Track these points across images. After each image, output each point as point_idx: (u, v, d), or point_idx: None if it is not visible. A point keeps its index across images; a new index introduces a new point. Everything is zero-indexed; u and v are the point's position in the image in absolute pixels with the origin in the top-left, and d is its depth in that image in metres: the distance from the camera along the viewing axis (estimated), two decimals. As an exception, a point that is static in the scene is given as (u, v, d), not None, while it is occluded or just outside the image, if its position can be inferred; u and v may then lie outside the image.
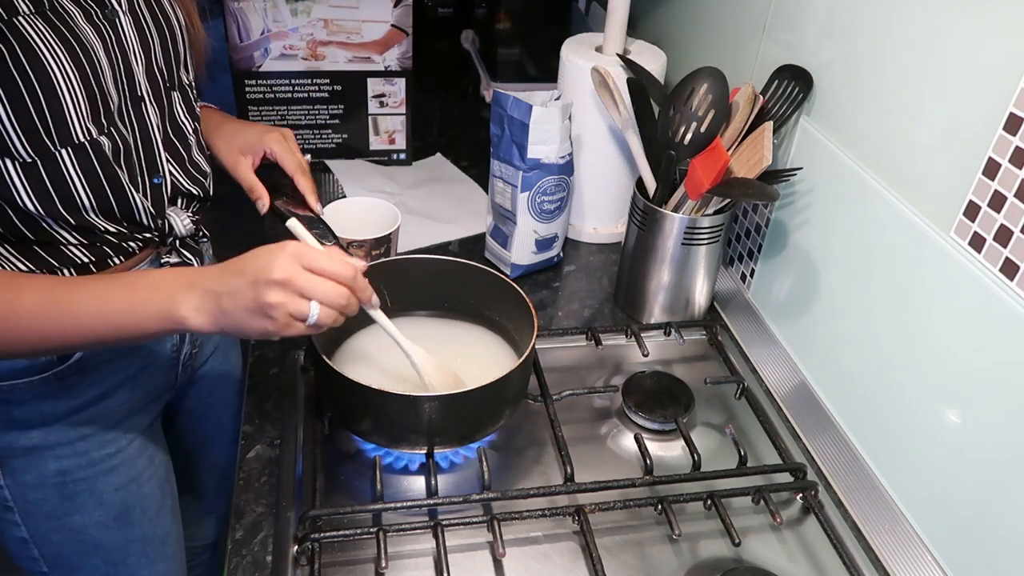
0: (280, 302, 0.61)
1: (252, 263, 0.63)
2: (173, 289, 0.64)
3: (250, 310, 0.62)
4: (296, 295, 0.62)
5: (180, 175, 0.80)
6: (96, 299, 0.64)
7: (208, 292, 0.63)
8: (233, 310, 0.62)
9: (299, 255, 0.63)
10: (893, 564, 0.75)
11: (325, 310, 0.64)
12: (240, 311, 0.62)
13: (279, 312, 0.62)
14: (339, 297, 0.64)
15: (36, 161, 0.65)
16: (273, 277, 0.61)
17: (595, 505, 0.76)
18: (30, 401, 0.76)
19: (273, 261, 0.62)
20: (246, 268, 0.63)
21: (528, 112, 0.97)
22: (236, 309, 0.62)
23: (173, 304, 0.63)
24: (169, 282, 0.64)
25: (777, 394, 0.94)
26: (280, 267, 0.61)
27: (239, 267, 0.63)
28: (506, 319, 0.90)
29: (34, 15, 0.62)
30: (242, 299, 0.62)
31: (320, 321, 0.64)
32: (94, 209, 0.70)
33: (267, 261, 0.62)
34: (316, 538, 0.71)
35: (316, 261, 0.63)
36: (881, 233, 0.78)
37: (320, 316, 0.63)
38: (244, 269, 0.63)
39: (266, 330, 0.63)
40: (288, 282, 0.61)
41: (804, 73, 0.89)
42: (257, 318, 0.62)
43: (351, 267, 0.65)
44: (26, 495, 0.80)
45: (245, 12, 1.17)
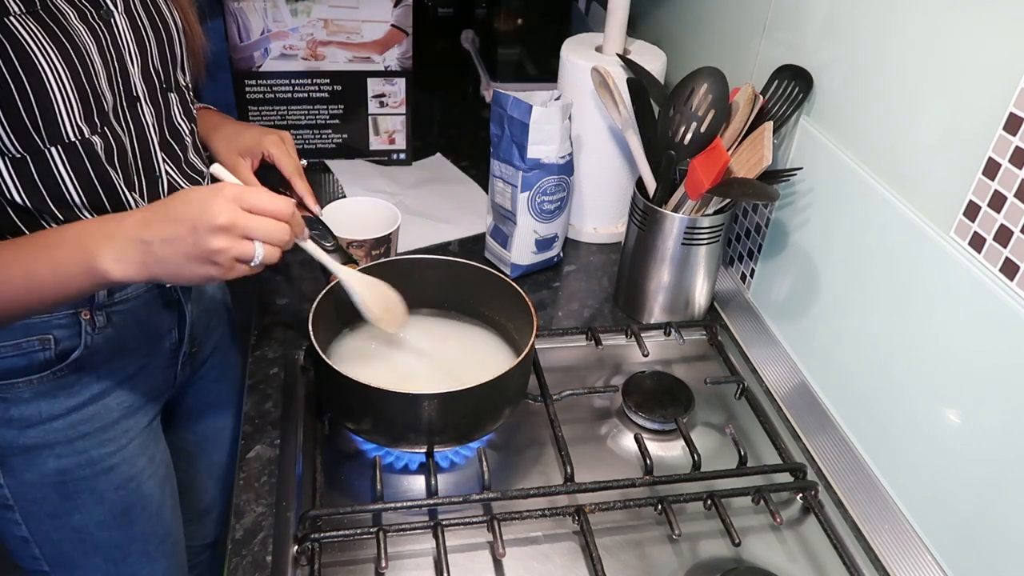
0: (224, 247, 0.60)
1: (187, 208, 0.61)
2: (89, 242, 0.62)
3: (190, 256, 0.61)
4: (240, 238, 0.61)
5: (176, 175, 0.80)
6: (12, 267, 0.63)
7: (133, 241, 0.61)
8: (169, 258, 0.61)
9: (238, 196, 0.61)
10: (893, 564, 0.75)
11: (269, 248, 0.63)
12: (178, 258, 0.61)
13: (223, 257, 0.61)
14: (282, 234, 0.63)
15: (26, 158, 0.65)
16: (217, 222, 0.59)
17: (595, 505, 0.76)
18: (29, 400, 0.76)
19: (212, 205, 0.60)
20: (181, 214, 0.60)
21: (528, 112, 0.97)
22: (173, 256, 0.61)
23: (92, 258, 0.61)
24: (85, 235, 0.63)
25: (777, 394, 0.94)
26: (222, 211, 0.60)
27: (171, 213, 0.61)
28: (506, 319, 0.90)
29: (25, 15, 0.62)
30: (180, 246, 0.60)
31: (264, 260, 0.63)
32: (85, 206, 0.70)
33: (205, 205, 0.60)
34: (316, 538, 0.71)
35: (256, 201, 0.62)
36: (881, 233, 0.78)
37: (265, 255, 0.63)
38: (179, 215, 0.61)
39: (209, 275, 0.62)
40: (232, 226, 0.60)
41: (804, 73, 0.89)
42: (199, 264, 0.61)
43: (289, 202, 0.65)
44: (26, 494, 0.80)
45: (245, 12, 1.17)
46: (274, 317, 1.00)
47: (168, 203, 0.62)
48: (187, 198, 0.61)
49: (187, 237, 0.60)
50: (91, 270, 0.62)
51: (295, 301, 1.03)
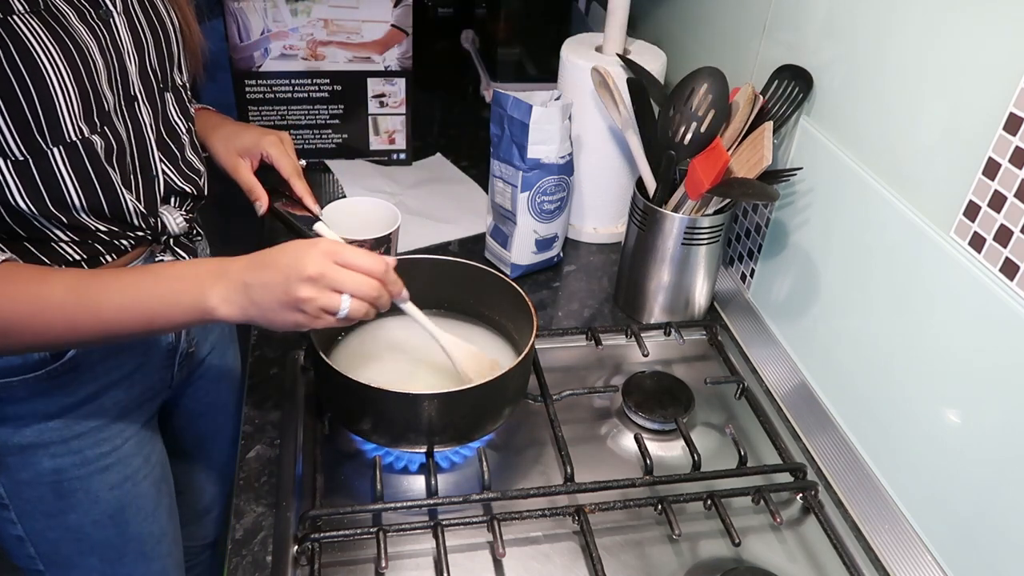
0: (312, 296, 0.63)
1: (283, 257, 0.64)
2: (202, 280, 0.65)
3: (282, 303, 0.64)
4: (328, 289, 0.64)
5: (174, 174, 0.80)
6: (126, 291, 0.65)
7: (237, 283, 0.64)
8: (264, 302, 0.64)
9: (331, 251, 0.65)
10: (893, 564, 0.75)
11: (356, 303, 0.66)
12: (271, 304, 0.64)
13: (310, 306, 0.64)
14: (370, 290, 0.66)
15: (28, 160, 0.65)
16: (306, 273, 0.63)
17: (595, 505, 0.76)
18: (24, 399, 0.76)
19: (305, 256, 0.64)
20: (278, 262, 0.64)
21: (528, 112, 0.97)
22: (267, 301, 0.64)
23: (203, 295, 0.65)
24: (199, 274, 0.66)
25: (777, 394, 0.94)
26: (312, 263, 0.63)
27: (270, 260, 0.65)
28: (506, 319, 0.90)
29: (29, 14, 0.62)
30: (273, 292, 0.64)
31: (351, 314, 0.66)
32: (84, 208, 0.70)
33: (299, 256, 0.64)
34: (316, 538, 0.71)
35: (348, 256, 0.65)
36: (881, 233, 0.78)
37: (351, 309, 0.65)
38: (276, 263, 0.64)
39: (297, 323, 0.65)
40: (320, 277, 0.63)
41: (804, 73, 0.89)
42: (288, 311, 0.64)
43: (382, 261, 0.68)
44: (21, 493, 0.80)
45: (245, 12, 1.17)
46: (274, 317, 1.00)
47: (271, 251, 0.66)
48: (285, 249, 0.65)
49: (279, 285, 0.63)
50: (201, 306, 0.65)
51: (295, 301, 1.03)
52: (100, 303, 0.65)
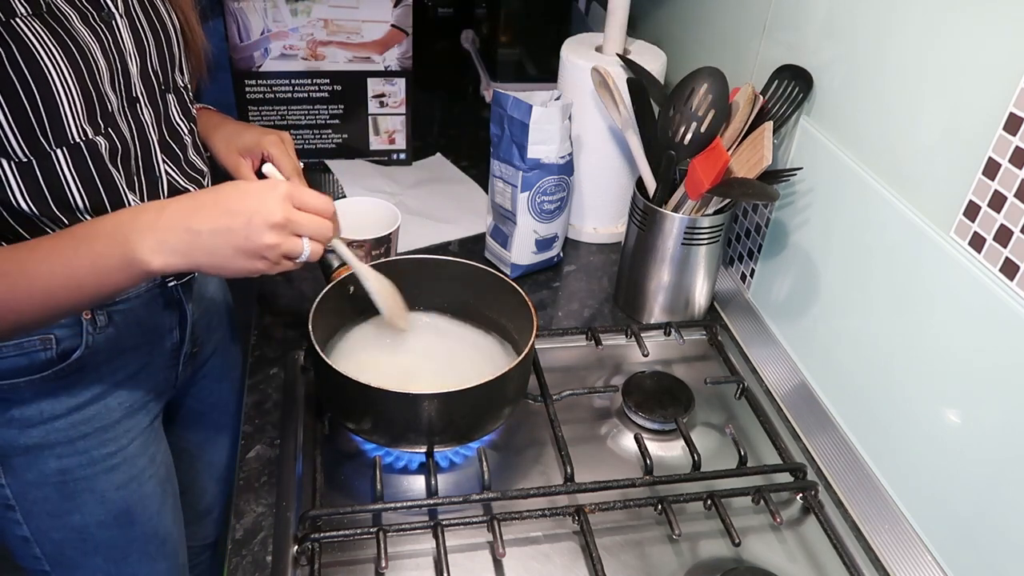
0: (277, 242, 0.62)
1: (242, 201, 0.62)
2: (127, 233, 0.61)
3: (241, 249, 0.62)
4: (291, 235, 0.63)
5: (177, 174, 0.80)
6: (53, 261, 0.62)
7: (176, 230, 0.61)
8: (219, 248, 0.61)
9: (291, 195, 0.63)
10: (893, 564, 0.75)
11: (314, 245, 0.65)
12: (228, 249, 0.62)
13: (273, 252, 0.62)
14: (327, 231, 0.66)
15: (32, 161, 0.65)
16: (273, 219, 0.61)
17: (595, 505, 0.76)
18: (30, 400, 0.76)
19: (271, 202, 0.62)
20: (236, 207, 0.62)
21: (528, 112, 0.97)
22: (223, 247, 0.61)
23: (130, 249, 0.61)
24: (123, 225, 0.62)
25: (777, 394, 0.94)
26: (279, 209, 0.62)
27: (225, 205, 0.62)
28: (506, 319, 0.90)
29: (31, 16, 0.62)
30: (232, 238, 0.61)
31: (311, 257, 0.65)
32: (87, 209, 0.70)
33: (262, 200, 0.62)
34: (316, 538, 0.71)
35: (307, 199, 0.64)
36: (881, 233, 0.78)
37: (311, 252, 0.65)
38: (233, 208, 0.62)
39: (256, 269, 0.64)
40: (287, 223, 0.62)
41: (804, 73, 0.89)
42: (248, 258, 0.62)
43: (328, 200, 0.67)
44: (27, 494, 0.80)
45: (245, 12, 1.17)
46: (274, 317, 1.00)
47: (219, 194, 0.63)
48: (242, 190, 0.63)
49: (241, 230, 0.61)
50: (130, 262, 0.61)
51: (295, 301, 1.03)
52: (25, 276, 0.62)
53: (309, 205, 0.64)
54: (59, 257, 0.62)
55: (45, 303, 0.64)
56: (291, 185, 0.64)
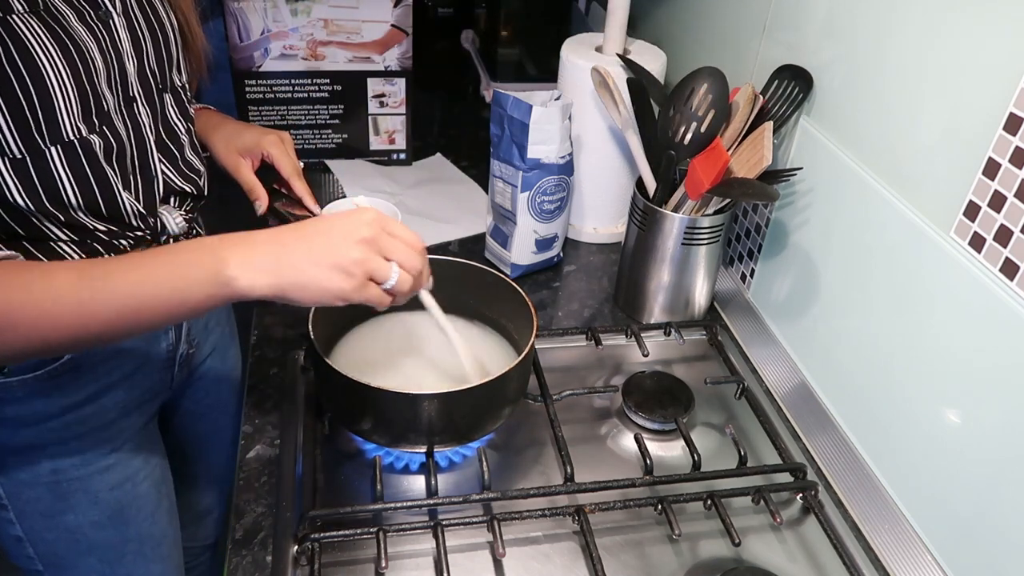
0: (365, 258, 0.61)
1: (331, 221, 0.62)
2: (218, 246, 0.60)
3: (329, 264, 0.61)
4: (379, 255, 0.62)
5: (173, 174, 0.80)
6: (137, 272, 0.60)
7: (266, 246, 0.61)
8: (304, 264, 0.60)
9: (379, 219, 0.63)
10: (893, 564, 0.75)
11: (404, 275, 0.64)
12: (315, 265, 0.61)
13: (360, 268, 0.61)
14: (417, 262, 0.65)
15: (26, 158, 0.65)
16: (360, 234, 0.61)
17: (595, 505, 0.76)
18: (23, 399, 0.75)
19: (358, 220, 0.62)
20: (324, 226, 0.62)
21: (528, 112, 0.97)
22: (309, 263, 0.61)
23: (221, 262, 0.59)
24: (215, 243, 0.61)
25: (777, 394, 0.94)
26: (367, 226, 0.62)
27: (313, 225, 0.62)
28: (506, 319, 0.90)
29: (28, 14, 0.62)
30: (320, 252, 0.61)
31: (398, 286, 0.64)
32: (81, 207, 0.70)
33: (351, 219, 0.62)
34: (316, 538, 0.71)
35: (394, 227, 0.64)
36: (881, 233, 0.78)
37: (399, 280, 0.64)
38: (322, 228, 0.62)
39: (340, 288, 0.62)
40: (374, 241, 0.62)
41: (804, 73, 0.89)
42: (334, 274, 0.61)
43: (420, 240, 0.67)
44: (20, 493, 0.80)
45: (245, 12, 1.17)
46: (274, 317, 1.00)
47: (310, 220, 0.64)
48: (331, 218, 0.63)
49: (327, 244, 0.61)
50: (217, 274, 0.59)
51: (295, 301, 1.03)
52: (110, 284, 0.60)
53: (398, 233, 0.64)
54: (147, 268, 0.60)
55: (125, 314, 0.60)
56: (381, 213, 0.64)
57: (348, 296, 0.62)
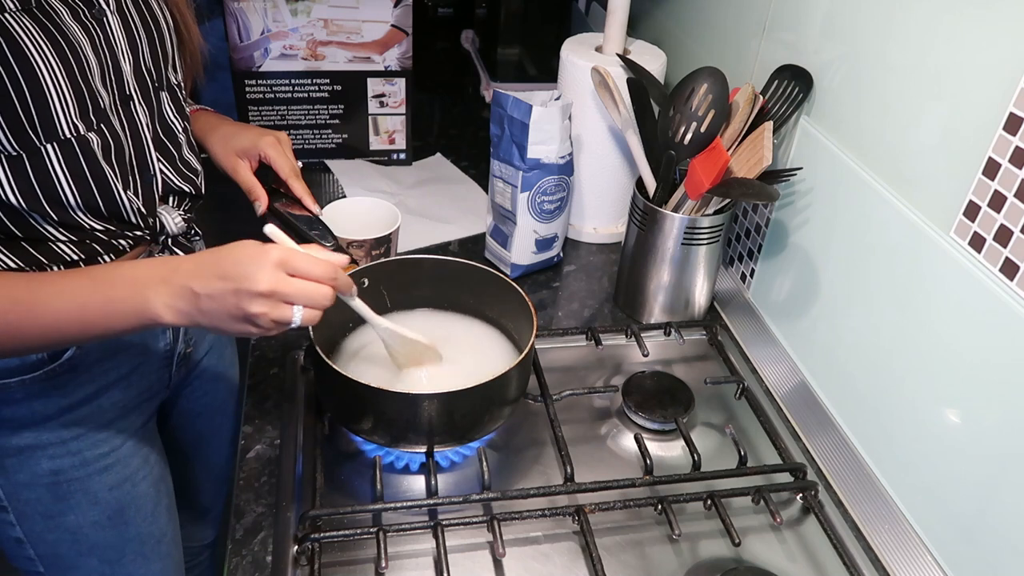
0: (263, 312, 0.61)
1: (234, 268, 0.62)
2: (144, 286, 0.63)
3: (232, 316, 0.62)
4: (280, 303, 0.62)
5: (171, 173, 0.80)
6: (66, 298, 0.64)
7: (184, 289, 0.62)
8: (213, 312, 0.62)
9: (283, 261, 0.62)
10: (893, 564, 0.75)
11: (307, 312, 0.64)
12: (220, 315, 0.62)
13: (262, 320, 0.62)
14: (322, 299, 0.64)
15: (21, 156, 0.65)
16: (258, 289, 0.61)
17: (595, 505, 0.76)
18: (21, 400, 0.75)
19: (258, 271, 0.61)
20: (228, 272, 0.62)
21: (528, 112, 0.97)
22: (216, 312, 0.62)
23: (145, 301, 0.63)
24: (138, 278, 0.64)
25: (777, 394, 0.94)
26: (265, 278, 0.61)
27: (220, 269, 0.62)
28: (506, 319, 0.90)
29: (21, 12, 0.62)
30: (223, 305, 0.62)
31: (303, 323, 0.64)
32: (80, 206, 0.70)
33: (250, 269, 0.61)
34: (316, 538, 0.71)
35: (300, 265, 0.63)
36: (881, 233, 0.78)
37: (303, 318, 0.64)
38: (226, 273, 0.62)
39: (248, 332, 0.64)
40: (272, 293, 0.61)
41: (804, 73, 0.89)
42: (239, 324, 0.63)
43: (332, 266, 0.65)
44: (20, 495, 0.80)
45: (245, 12, 1.17)
46: (274, 317, 1.00)
47: (219, 256, 0.63)
48: (236, 257, 0.62)
49: (230, 298, 0.61)
50: (143, 312, 0.63)
51: (295, 301, 1.03)
52: (36, 307, 0.63)
53: (303, 271, 0.63)
54: (75, 295, 0.64)
55: (49, 335, 0.65)
56: (286, 251, 0.63)
57: (255, 336, 0.66)
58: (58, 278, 0.66)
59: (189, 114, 0.85)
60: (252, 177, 0.91)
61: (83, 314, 0.64)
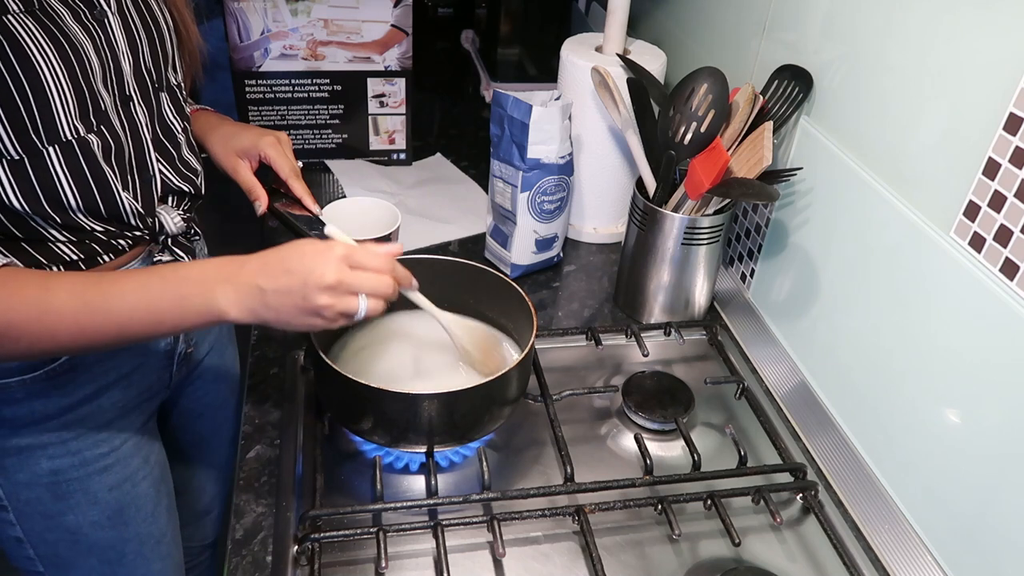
0: (330, 303, 0.64)
1: (300, 262, 0.65)
2: (212, 283, 0.65)
3: (299, 309, 0.65)
4: (346, 295, 0.65)
5: (170, 173, 0.80)
6: (134, 294, 0.65)
7: (251, 286, 0.65)
8: (280, 307, 0.65)
9: (346, 256, 0.66)
10: (893, 564, 0.75)
11: (372, 302, 0.67)
12: (288, 309, 0.65)
13: (329, 312, 0.65)
14: (385, 288, 0.67)
15: (24, 159, 0.65)
16: (325, 281, 0.64)
17: (595, 505, 0.76)
18: (22, 400, 0.75)
19: (324, 264, 0.64)
20: (295, 268, 0.64)
21: (528, 112, 0.97)
22: (283, 307, 0.65)
23: (213, 298, 0.65)
24: (207, 275, 0.66)
25: (777, 394, 0.94)
26: (330, 270, 0.64)
27: (286, 264, 0.65)
28: (506, 319, 0.90)
29: (24, 13, 0.62)
30: (291, 299, 0.64)
31: (369, 313, 0.67)
32: (80, 208, 0.70)
33: (316, 264, 0.64)
34: (316, 538, 0.71)
35: (361, 258, 0.66)
36: (881, 233, 0.78)
37: (368, 309, 0.67)
38: (293, 268, 0.64)
39: (314, 325, 0.66)
40: (339, 284, 0.64)
41: (804, 73, 0.89)
42: (305, 316, 0.65)
43: (390, 259, 0.69)
44: (20, 494, 0.80)
45: (245, 12, 1.17)
46: (274, 317, 1.00)
47: (284, 254, 0.66)
48: (302, 252, 0.66)
49: (298, 291, 0.64)
50: (211, 309, 0.65)
51: (295, 301, 1.03)
52: (108, 307, 0.65)
53: (365, 264, 0.66)
54: (145, 293, 0.66)
55: (120, 332, 0.66)
56: (348, 247, 0.67)
57: (320, 329, 0.68)
58: (126, 278, 0.67)
59: (189, 114, 0.85)
60: (252, 177, 0.91)
61: (154, 313, 0.66)
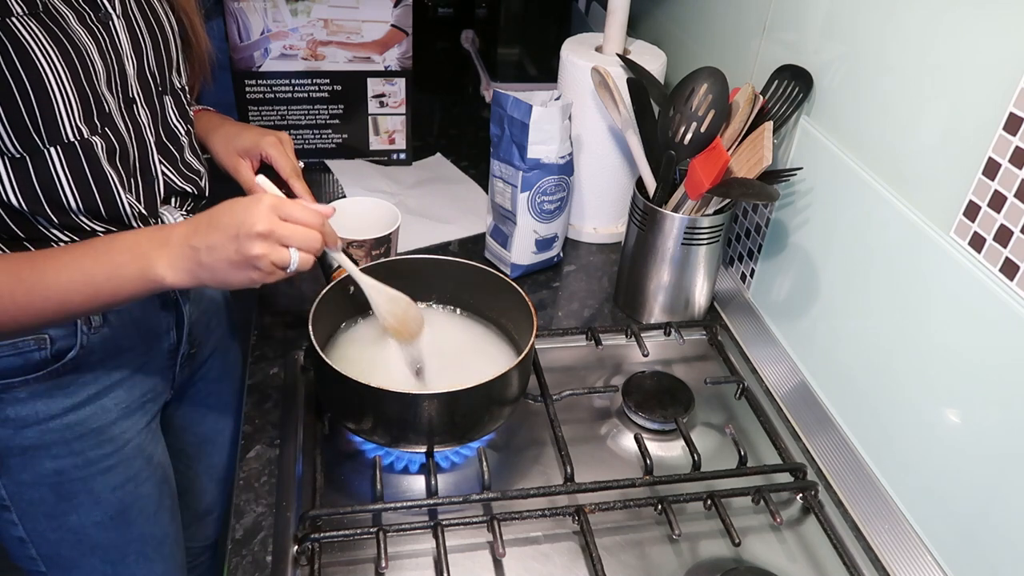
0: (263, 253, 0.64)
1: (230, 216, 0.64)
2: (145, 250, 0.65)
3: (233, 263, 0.64)
4: (277, 245, 0.65)
5: (173, 175, 0.80)
6: (67, 271, 0.65)
7: (182, 247, 0.65)
8: (214, 263, 0.64)
9: (276, 206, 0.65)
10: (893, 564, 0.75)
11: (303, 255, 0.67)
12: (222, 264, 0.64)
13: (263, 262, 0.64)
14: (315, 242, 0.67)
15: (25, 158, 0.65)
16: (256, 230, 0.63)
17: (595, 505, 0.76)
18: (26, 400, 0.76)
19: (254, 214, 0.64)
20: (224, 222, 0.64)
21: (528, 112, 0.97)
22: (217, 262, 0.64)
23: (148, 265, 0.65)
24: (139, 243, 0.66)
25: (777, 394, 0.94)
26: (261, 220, 0.63)
27: (215, 221, 0.65)
28: (506, 319, 0.90)
29: (28, 16, 0.63)
30: (224, 252, 0.64)
31: (299, 267, 0.67)
32: (80, 209, 0.70)
33: (247, 215, 0.64)
34: (316, 538, 0.71)
35: (291, 211, 0.66)
36: (881, 233, 0.78)
37: (300, 262, 0.66)
38: (222, 223, 0.64)
39: (250, 279, 0.66)
40: (270, 233, 0.64)
41: (804, 73, 0.89)
42: (241, 270, 0.65)
43: (320, 214, 0.69)
44: (23, 494, 0.80)
45: (245, 12, 1.17)
46: (274, 317, 1.00)
47: (212, 212, 0.66)
48: (230, 208, 0.65)
49: (229, 244, 0.64)
50: (146, 275, 0.65)
51: (295, 301, 1.03)
52: (44, 283, 0.65)
53: (295, 216, 0.66)
54: (79, 266, 0.65)
55: (60, 308, 0.66)
56: (277, 198, 0.66)
57: (257, 283, 0.67)
58: (59, 253, 0.67)
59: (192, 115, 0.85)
60: (253, 177, 0.91)
61: (90, 285, 0.66)
